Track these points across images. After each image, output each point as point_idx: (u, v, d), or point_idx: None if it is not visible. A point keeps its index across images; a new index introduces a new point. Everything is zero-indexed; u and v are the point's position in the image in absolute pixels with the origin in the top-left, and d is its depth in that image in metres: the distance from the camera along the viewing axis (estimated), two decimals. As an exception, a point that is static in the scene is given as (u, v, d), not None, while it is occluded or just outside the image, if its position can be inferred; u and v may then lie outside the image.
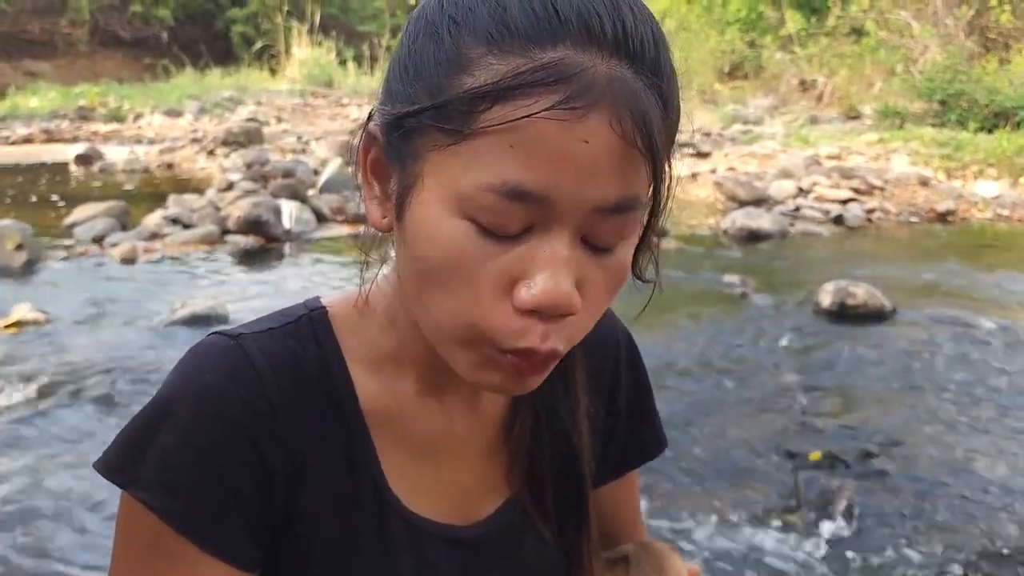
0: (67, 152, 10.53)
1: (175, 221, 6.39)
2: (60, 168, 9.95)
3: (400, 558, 0.68)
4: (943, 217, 7.58)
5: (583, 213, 0.55)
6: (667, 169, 0.57)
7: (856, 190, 7.88)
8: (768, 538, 2.56)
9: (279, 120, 13.40)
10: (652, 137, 0.54)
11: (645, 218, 0.59)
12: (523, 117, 0.52)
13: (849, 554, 2.50)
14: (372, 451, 0.68)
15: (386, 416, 0.68)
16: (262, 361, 0.64)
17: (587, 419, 0.77)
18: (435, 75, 0.55)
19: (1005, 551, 2.51)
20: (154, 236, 6.16)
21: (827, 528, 2.60)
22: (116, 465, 0.62)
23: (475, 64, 0.54)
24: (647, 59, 0.55)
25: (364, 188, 0.63)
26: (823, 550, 2.52)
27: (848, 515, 2.66)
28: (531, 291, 0.55)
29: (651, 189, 0.57)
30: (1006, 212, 7.66)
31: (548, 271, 0.55)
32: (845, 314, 4.54)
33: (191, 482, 0.61)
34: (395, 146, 0.59)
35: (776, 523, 2.63)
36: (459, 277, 0.56)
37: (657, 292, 0.65)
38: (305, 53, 18.45)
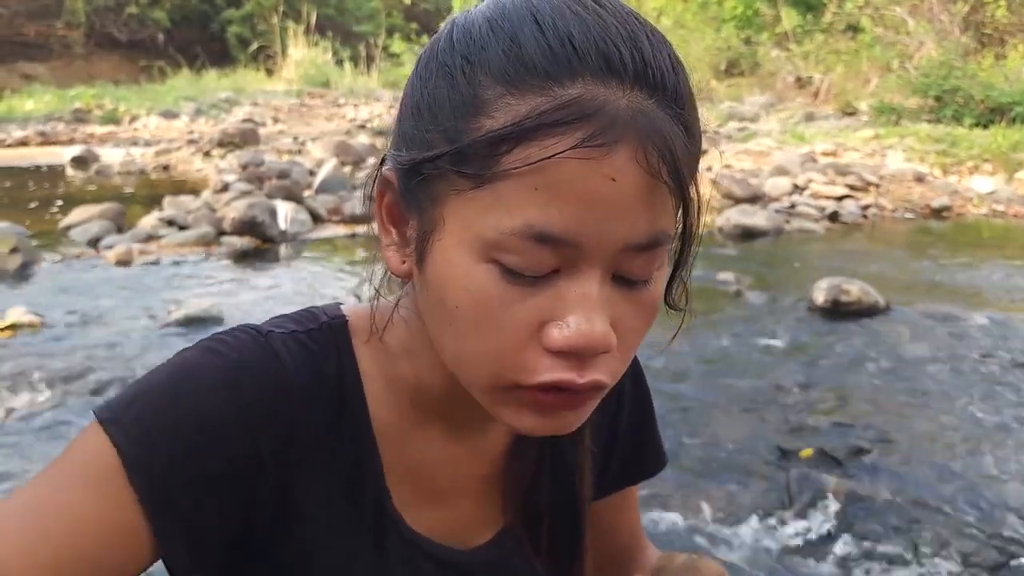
0: (63, 154, 10.54)
1: (171, 223, 6.40)
2: (56, 171, 9.95)
3: (395, 573, 0.69)
4: (938, 213, 7.59)
5: (612, 252, 0.53)
6: (694, 198, 0.56)
7: (851, 187, 7.90)
8: (758, 534, 2.57)
9: (275, 121, 13.41)
10: (679, 169, 0.52)
11: (676, 247, 0.58)
12: (546, 158, 0.50)
13: (839, 551, 2.51)
14: (379, 467, 0.67)
15: (395, 437, 0.68)
16: (288, 360, 0.63)
17: (590, 457, 0.77)
18: (451, 118, 0.54)
19: (998, 547, 2.51)
20: (150, 238, 6.17)
21: (817, 525, 2.61)
22: (108, 406, 0.59)
23: (493, 105, 0.52)
24: (668, 88, 0.53)
25: (381, 234, 0.62)
26: (813, 547, 2.52)
27: (839, 512, 2.66)
28: (563, 332, 0.54)
29: (679, 220, 0.56)
30: (1001, 208, 7.67)
31: (580, 311, 0.53)
32: (839, 311, 4.55)
33: (172, 449, 0.57)
34: (412, 192, 0.58)
35: (767, 520, 2.64)
36: (486, 322, 0.55)
37: (691, 318, 0.63)
38: (301, 54, 18.48)
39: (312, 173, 8.15)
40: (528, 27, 0.53)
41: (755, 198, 7.58)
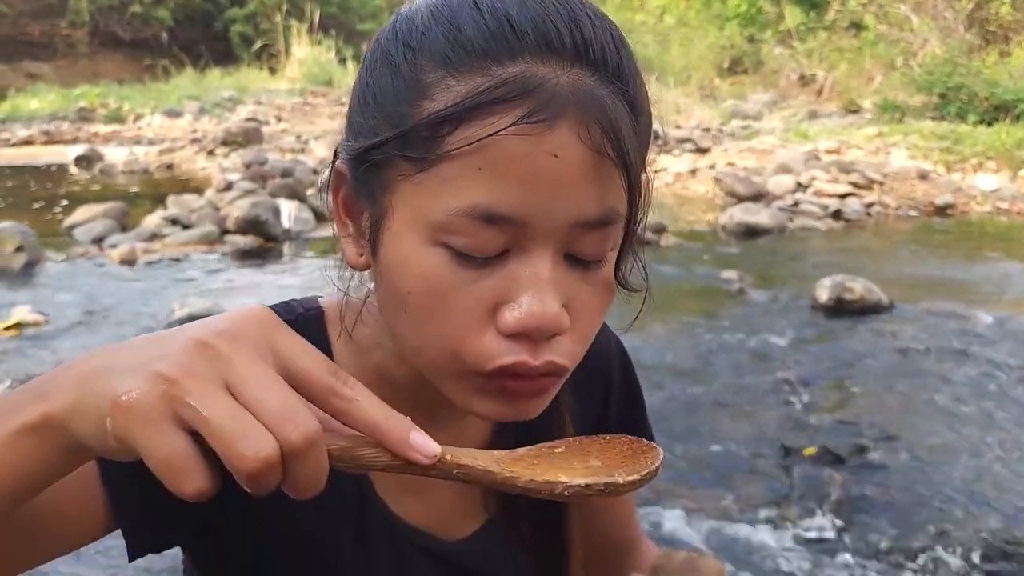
0: (67, 153, 10.56)
1: (174, 222, 6.41)
2: (60, 170, 9.97)
3: (380, 559, 0.69)
4: (942, 211, 7.58)
5: (562, 230, 0.53)
6: (643, 175, 0.55)
7: (855, 184, 7.89)
8: (761, 532, 2.57)
9: (279, 120, 13.43)
10: (622, 145, 0.52)
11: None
12: (488, 136, 0.50)
13: (841, 549, 2.51)
14: None
15: None
16: None
17: None
18: (395, 103, 0.55)
19: (999, 544, 2.51)
20: (153, 237, 6.18)
21: (820, 522, 2.61)
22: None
23: (434, 88, 0.53)
24: (610, 65, 0.53)
25: (338, 228, 0.63)
26: (816, 544, 2.53)
27: (841, 509, 2.66)
28: (515, 313, 0.53)
29: (627, 197, 0.55)
30: (1005, 205, 7.66)
31: (532, 291, 0.53)
32: (842, 309, 4.54)
33: None
34: (363, 181, 0.58)
35: (770, 517, 2.64)
36: (439, 307, 0.54)
37: (649, 300, 0.63)
38: (304, 52, 18.48)
39: (315, 171, 8.15)
40: (467, 11, 0.54)
41: (758, 196, 7.57)
